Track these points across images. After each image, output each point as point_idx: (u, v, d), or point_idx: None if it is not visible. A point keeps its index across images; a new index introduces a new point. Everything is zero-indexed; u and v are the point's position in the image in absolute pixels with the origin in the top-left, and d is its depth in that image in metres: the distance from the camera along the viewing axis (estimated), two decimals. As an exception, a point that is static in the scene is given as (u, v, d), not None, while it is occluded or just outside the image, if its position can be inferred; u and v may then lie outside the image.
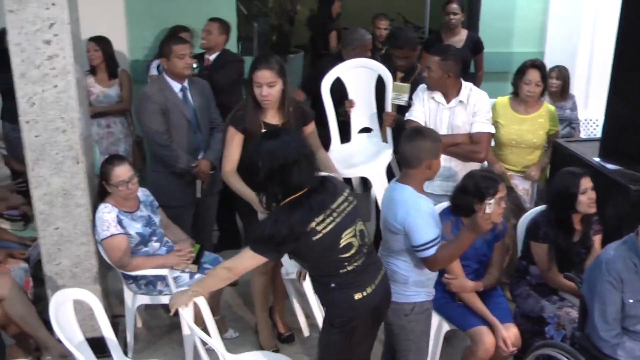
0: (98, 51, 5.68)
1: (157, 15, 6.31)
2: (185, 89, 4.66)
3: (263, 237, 3.02)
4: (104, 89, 5.75)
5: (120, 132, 5.84)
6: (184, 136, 4.62)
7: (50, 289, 4.27)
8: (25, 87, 3.89)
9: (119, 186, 4.10)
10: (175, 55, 4.57)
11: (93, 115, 5.64)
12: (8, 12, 3.79)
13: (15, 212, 5.17)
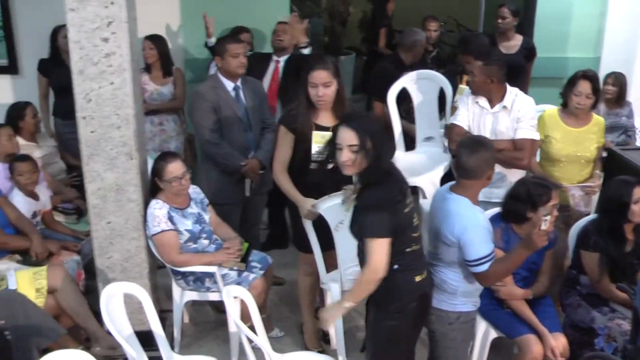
0: (153, 49, 5.76)
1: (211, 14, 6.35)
2: (238, 88, 4.69)
3: (378, 208, 3.05)
4: (158, 87, 5.84)
5: (172, 129, 5.92)
6: (234, 135, 4.66)
7: (101, 282, 4.35)
8: (83, 83, 3.97)
9: (172, 182, 4.16)
10: (230, 54, 4.61)
11: (146, 113, 5.72)
12: (69, 10, 3.87)
13: (69, 205, 5.28)
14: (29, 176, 4.72)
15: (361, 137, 3.04)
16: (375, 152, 3.06)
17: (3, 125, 5.10)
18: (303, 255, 4.36)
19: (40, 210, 4.86)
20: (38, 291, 4.09)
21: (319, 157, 3.96)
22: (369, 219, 3.07)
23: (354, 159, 3.06)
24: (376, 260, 3.07)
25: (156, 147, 5.74)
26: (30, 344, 3.74)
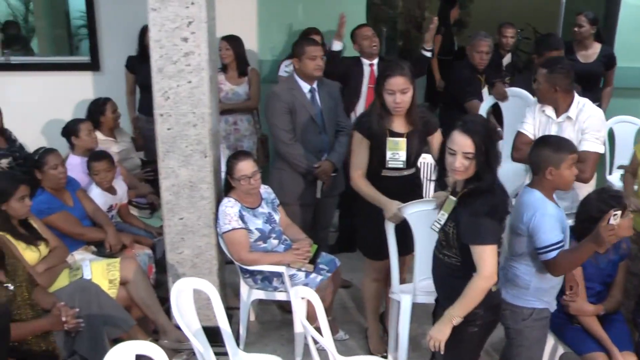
0: (229, 50, 5.84)
1: (287, 16, 6.41)
2: (314, 90, 4.71)
3: (492, 215, 3.05)
4: (234, 87, 5.92)
5: (246, 129, 6.00)
6: (309, 136, 4.68)
7: (171, 276, 4.44)
8: (162, 81, 4.06)
9: (241, 180, 4.21)
10: (308, 56, 4.63)
11: (221, 112, 5.82)
12: (151, 10, 3.97)
13: (143, 200, 5.40)
14: (104, 175, 4.85)
15: (477, 145, 3.01)
16: (488, 159, 3.05)
17: (84, 120, 5.25)
18: (371, 261, 4.35)
19: (116, 204, 4.99)
20: (111, 282, 4.20)
21: (393, 163, 3.96)
22: (483, 225, 3.03)
23: (467, 165, 3.04)
24: (490, 267, 3.04)
25: (230, 146, 5.84)
26: (102, 333, 3.83)
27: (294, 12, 6.42)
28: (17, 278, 3.63)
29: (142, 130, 6.21)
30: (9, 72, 6.67)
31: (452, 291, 3.18)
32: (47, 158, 4.47)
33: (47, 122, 6.58)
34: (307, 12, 6.37)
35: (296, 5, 6.42)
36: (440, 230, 3.23)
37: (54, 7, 8.49)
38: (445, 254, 3.25)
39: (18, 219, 4.06)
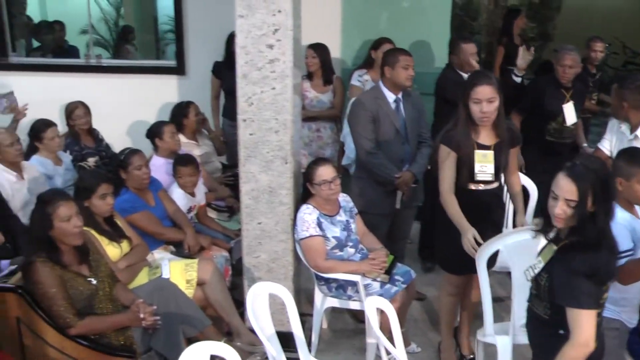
0: (315, 58, 5.89)
1: (371, 25, 6.41)
2: (399, 101, 4.68)
3: (591, 278, 2.76)
4: (318, 95, 5.97)
5: (328, 137, 6.04)
6: (391, 146, 4.65)
7: (247, 279, 4.49)
8: (246, 87, 4.11)
9: (322, 185, 4.22)
10: (401, 65, 4.60)
11: (304, 119, 5.89)
12: (238, 17, 4.03)
13: (222, 203, 5.48)
14: (189, 179, 4.96)
15: (582, 193, 2.74)
16: (594, 210, 2.77)
17: (167, 123, 5.38)
18: (448, 275, 4.30)
19: (195, 206, 5.08)
20: (188, 282, 4.28)
21: (482, 176, 3.91)
22: (578, 286, 2.75)
23: (568, 213, 2.77)
24: (585, 334, 2.75)
25: (312, 153, 5.90)
26: (178, 331, 3.89)
27: (377, 21, 6.42)
28: (100, 273, 3.74)
29: (225, 135, 6.33)
30: (99, 74, 6.91)
31: (540, 349, 3.04)
32: (132, 158, 4.59)
33: (133, 123, 6.77)
34: (390, 22, 6.35)
35: (380, 15, 6.42)
36: (533, 279, 3.02)
37: (144, 12, 8.76)
38: (535, 305, 3.05)
39: (102, 216, 4.19)
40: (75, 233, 3.58)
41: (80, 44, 8.19)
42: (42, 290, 3.51)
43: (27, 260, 3.58)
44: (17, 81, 6.93)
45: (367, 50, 5.96)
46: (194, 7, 6.51)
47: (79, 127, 5.88)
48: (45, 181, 5.22)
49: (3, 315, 3.66)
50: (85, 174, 4.52)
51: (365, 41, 6.35)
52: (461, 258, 3.95)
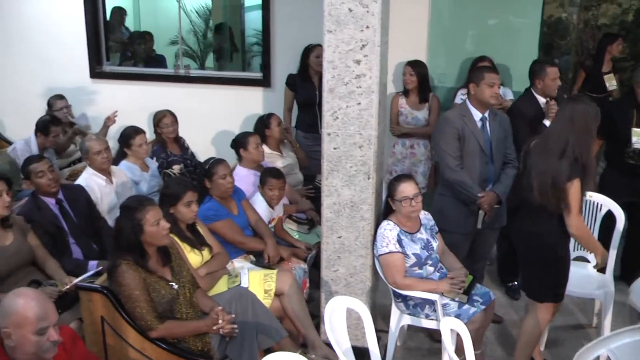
0: (414, 75, 5.92)
1: (457, 45, 6.37)
2: (485, 119, 4.63)
3: None
4: (414, 112, 5.99)
5: (422, 154, 6.04)
6: (475, 165, 4.60)
7: (324, 293, 4.51)
8: (332, 101, 4.14)
9: (403, 202, 4.20)
10: (486, 82, 4.55)
11: (399, 135, 5.91)
12: (327, 31, 4.07)
13: (302, 215, 5.52)
14: (276, 192, 5.02)
15: None
16: None
17: (253, 134, 5.46)
18: (546, 304, 4.22)
19: (274, 218, 5.12)
20: (266, 292, 4.32)
21: None
22: None
23: None
24: None
25: (404, 170, 5.92)
26: (254, 340, 3.93)
27: (464, 40, 6.38)
28: (181, 278, 3.82)
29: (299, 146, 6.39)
30: (187, 83, 7.09)
31: None
32: (217, 168, 4.67)
33: (218, 133, 6.92)
34: (477, 42, 6.30)
35: (466, 34, 6.38)
36: None
37: (232, 25, 8.93)
38: None
39: (185, 223, 4.28)
40: (164, 235, 3.72)
41: (169, 54, 8.41)
42: (127, 292, 3.61)
43: (113, 262, 3.69)
44: (109, 89, 7.23)
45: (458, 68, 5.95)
46: (281, 21, 6.62)
47: (166, 135, 6.04)
48: (132, 186, 5.38)
49: (89, 314, 3.80)
50: (171, 181, 4.62)
51: (452, 60, 6.32)
52: (560, 285, 4.05)
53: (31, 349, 2.82)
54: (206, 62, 9.56)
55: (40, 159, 4.72)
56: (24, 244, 4.30)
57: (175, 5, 7.58)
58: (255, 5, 7.58)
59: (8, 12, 7.43)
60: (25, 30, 7.42)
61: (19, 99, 7.56)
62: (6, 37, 7.50)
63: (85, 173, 5.21)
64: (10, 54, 7.55)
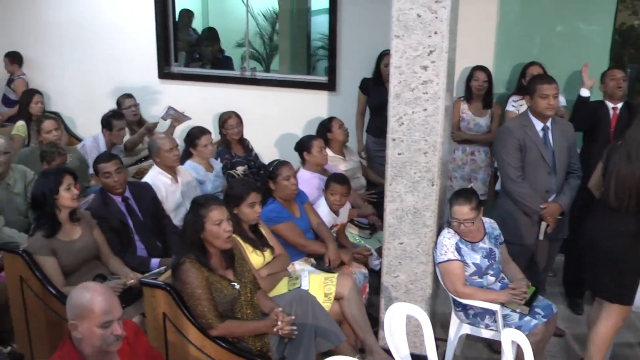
0: (486, 82, 5.87)
1: (525, 52, 6.27)
2: (547, 129, 4.57)
3: None
4: (476, 118, 5.95)
5: (482, 161, 5.99)
6: (537, 175, 4.54)
7: (384, 298, 4.50)
8: (398, 107, 4.14)
9: (453, 222, 4.18)
10: (539, 94, 4.50)
11: (459, 141, 5.86)
12: (394, 37, 4.07)
13: (364, 220, 5.51)
14: (339, 198, 5.02)
15: None
16: None
17: (317, 137, 5.48)
18: (620, 308, 4.16)
19: (337, 224, 5.12)
20: (326, 296, 4.32)
21: None
22: None
23: None
24: None
25: (464, 176, 5.89)
26: (313, 343, 3.93)
27: (530, 47, 6.27)
28: (243, 279, 3.85)
29: (368, 151, 6.39)
30: (252, 86, 7.16)
31: None
32: (281, 169, 4.71)
33: (282, 136, 6.97)
34: (546, 49, 6.19)
35: (534, 40, 6.27)
36: None
37: (298, 29, 8.98)
38: None
39: (248, 224, 4.32)
40: (225, 237, 3.72)
41: (235, 56, 8.52)
42: (189, 290, 3.66)
43: (177, 260, 3.74)
44: (177, 89, 7.36)
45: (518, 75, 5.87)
46: (348, 26, 6.62)
47: (230, 136, 6.12)
48: (197, 186, 5.46)
49: (151, 309, 3.86)
50: (235, 182, 4.67)
51: (517, 65, 6.23)
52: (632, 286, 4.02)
53: (96, 341, 2.88)
54: (271, 65, 9.65)
55: (109, 159, 4.80)
56: (90, 238, 4.42)
57: (243, 8, 7.68)
58: (322, 10, 7.61)
59: (81, 13, 7.65)
60: (98, 30, 7.62)
61: (89, 98, 7.77)
62: (79, 37, 7.72)
63: (152, 171, 5.32)
64: (82, 54, 7.77)
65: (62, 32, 7.82)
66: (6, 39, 8.03)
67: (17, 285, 4.26)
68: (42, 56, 7.99)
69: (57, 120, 6.10)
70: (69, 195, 4.27)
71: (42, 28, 7.92)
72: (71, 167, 5.20)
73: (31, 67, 8.01)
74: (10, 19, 8.05)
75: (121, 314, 2.96)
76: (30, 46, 8.02)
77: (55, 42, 7.89)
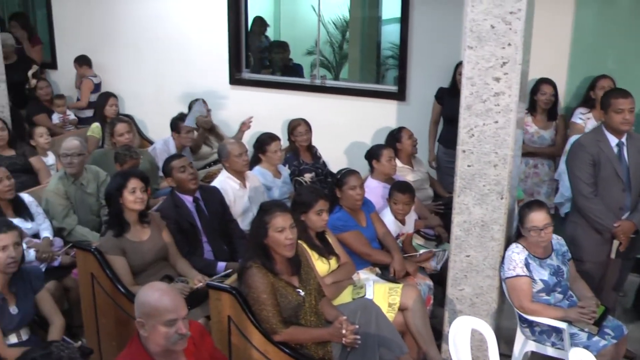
0: (553, 95, 5.80)
1: (598, 64, 6.13)
2: (622, 145, 4.47)
3: None
4: (540, 131, 5.86)
5: (545, 174, 5.91)
6: (610, 192, 4.44)
7: (448, 311, 4.46)
8: (469, 118, 4.10)
9: (532, 231, 4.10)
10: (614, 108, 4.40)
11: (523, 154, 5.76)
12: (467, 47, 4.03)
13: (430, 231, 5.47)
14: (402, 207, 5.02)
15: None
16: None
17: (386, 146, 5.48)
18: None
19: (403, 234, 5.10)
20: (390, 306, 4.31)
21: None
22: None
23: None
24: None
25: (527, 189, 5.80)
26: (376, 353, 3.92)
27: (605, 60, 6.13)
28: (308, 286, 3.87)
29: (438, 162, 6.35)
30: (322, 93, 7.19)
31: None
32: (348, 178, 4.71)
33: (350, 144, 6.98)
34: (620, 62, 6.04)
35: (608, 53, 6.12)
36: None
37: (368, 37, 8.99)
38: None
39: (315, 231, 4.34)
40: (286, 245, 3.73)
41: (304, 63, 8.58)
42: (255, 295, 3.70)
43: (244, 264, 3.79)
44: (246, 95, 7.45)
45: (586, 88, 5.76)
46: (419, 35, 6.58)
47: (299, 143, 6.16)
48: (264, 192, 5.51)
49: (217, 312, 3.92)
50: (304, 189, 4.70)
51: (587, 78, 6.11)
52: None
53: (161, 339, 2.94)
54: (340, 73, 9.67)
55: (180, 157, 4.98)
56: (159, 240, 4.52)
57: (314, 16, 7.73)
58: (394, 19, 7.61)
59: (156, 20, 7.83)
60: (171, 35, 7.78)
61: (161, 101, 7.94)
62: (154, 42, 7.90)
63: (220, 176, 5.40)
64: (156, 58, 7.95)
65: (138, 38, 8.03)
66: (84, 43, 8.28)
67: (88, 283, 4.38)
68: (118, 60, 8.22)
69: (129, 124, 6.25)
70: (132, 198, 4.38)
71: (118, 34, 8.15)
72: (142, 169, 5.33)
73: (106, 71, 8.25)
74: (88, 25, 8.31)
75: (186, 313, 3.02)
76: (106, 51, 8.25)
77: (130, 47, 8.10)
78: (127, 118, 6.93)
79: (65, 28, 8.54)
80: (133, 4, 7.97)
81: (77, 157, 5.31)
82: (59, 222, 5.21)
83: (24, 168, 6.03)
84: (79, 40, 8.37)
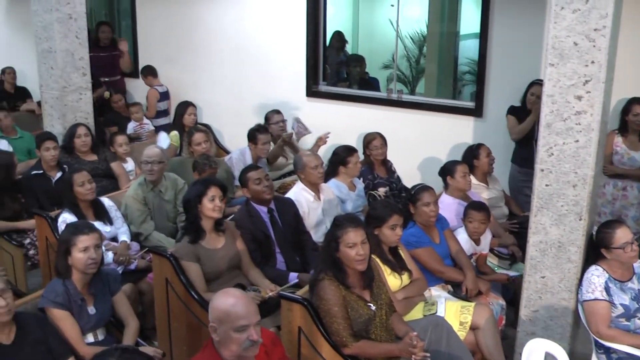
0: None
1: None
2: None
3: None
4: (631, 152, 5.74)
5: (634, 197, 5.77)
6: None
7: (521, 332, 4.38)
8: (548, 136, 4.03)
9: (624, 248, 3.97)
10: None
11: (611, 175, 5.64)
12: (549, 65, 3.97)
13: (504, 250, 5.39)
14: (477, 225, 4.95)
15: None
16: None
17: (461, 163, 5.43)
18: None
19: (477, 253, 5.03)
20: (461, 324, 4.25)
21: None
22: None
23: None
24: None
25: (614, 212, 5.67)
26: (444, 372, 3.90)
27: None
28: (379, 300, 3.86)
29: (512, 181, 6.24)
30: (398, 108, 7.18)
31: None
32: (422, 194, 4.69)
33: (425, 159, 6.94)
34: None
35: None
36: None
37: (445, 52, 8.94)
38: None
39: (388, 246, 4.33)
40: (357, 260, 3.73)
41: (380, 77, 8.59)
42: (326, 307, 3.71)
43: (316, 276, 3.81)
44: (322, 108, 7.50)
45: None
46: (498, 51, 6.51)
47: (374, 156, 6.16)
48: (338, 204, 5.52)
49: (287, 322, 3.95)
50: (378, 203, 4.70)
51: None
52: None
53: (232, 345, 2.98)
54: (417, 88, 9.64)
55: (257, 168, 5.03)
56: (233, 248, 4.58)
57: (391, 30, 7.74)
58: (472, 34, 7.54)
59: (236, 30, 7.99)
60: (249, 47, 7.93)
61: (238, 111, 8.08)
62: (233, 52, 8.06)
63: (295, 187, 5.45)
64: (234, 69, 8.10)
65: (217, 49, 8.20)
66: (165, 54, 8.51)
67: (163, 287, 4.48)
68: (198, 71, 8.41)
69: (207, 133, 6.37)
70: (211, 206, 4.46)
71: (198, 45, 8.35)
72: (219, 178, 5.42)
73: (186, 81, 8.45)
74: (168, 36, 8.54)
75: (258, 320, 3.06)
76: (186, 62, 8.46)
77: (210, 58, 8.29)
78: (205, 127, 7.07)
79: (148, 38, 8.80)
80: (214, 17, 8.15)
81: (157, 165, 5.44)
82: (136, 227, 5.34)
83: (105, 173, 6.23)
84: (159, 50, 8.60)
